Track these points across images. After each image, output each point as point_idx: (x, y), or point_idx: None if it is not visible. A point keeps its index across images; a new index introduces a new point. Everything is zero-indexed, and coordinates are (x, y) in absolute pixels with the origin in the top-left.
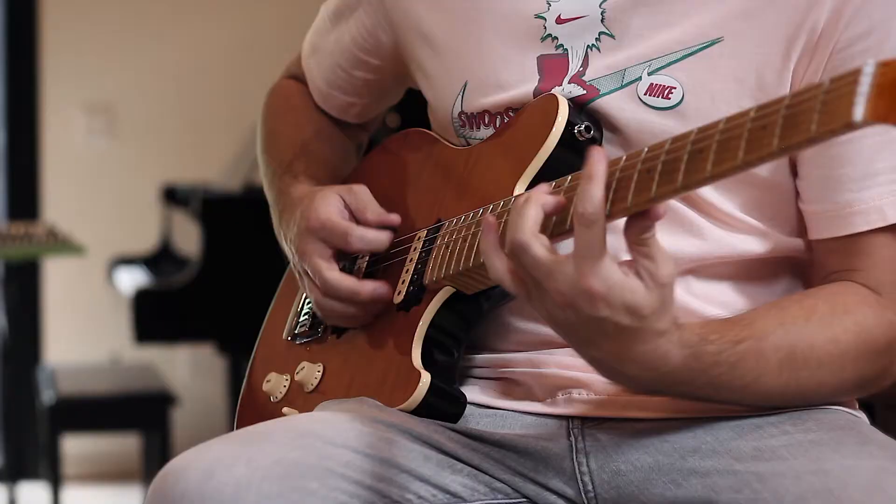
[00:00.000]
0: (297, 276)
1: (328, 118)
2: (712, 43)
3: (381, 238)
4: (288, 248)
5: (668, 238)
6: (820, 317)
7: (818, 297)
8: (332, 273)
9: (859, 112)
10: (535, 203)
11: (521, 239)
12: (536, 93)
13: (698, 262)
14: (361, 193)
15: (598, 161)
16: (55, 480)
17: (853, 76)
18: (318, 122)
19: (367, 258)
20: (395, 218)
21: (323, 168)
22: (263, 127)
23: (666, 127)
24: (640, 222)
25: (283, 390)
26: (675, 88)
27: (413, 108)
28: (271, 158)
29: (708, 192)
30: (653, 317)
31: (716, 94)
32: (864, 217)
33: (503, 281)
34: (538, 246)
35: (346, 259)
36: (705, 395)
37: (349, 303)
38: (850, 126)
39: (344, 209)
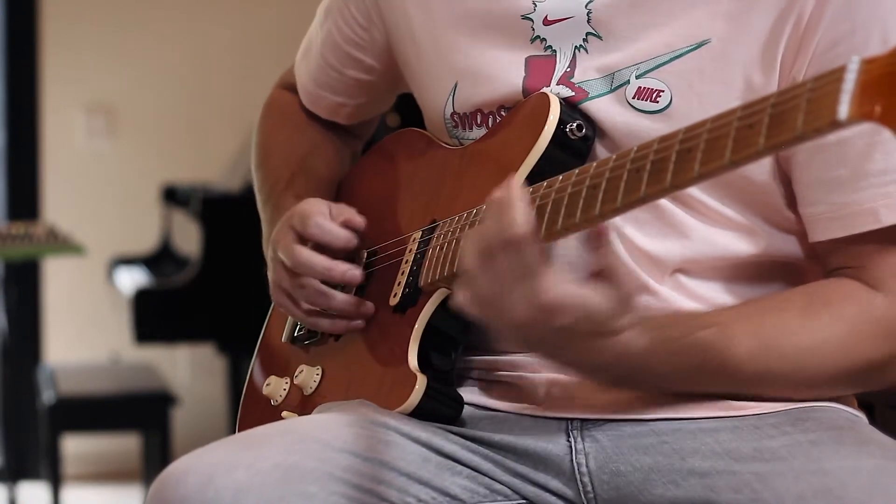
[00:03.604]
0: (270, 280)
1: (322, 130)
2: (700, 45)
3: (338, 233)
4: (269, 257)
5: (654, 240)
6: (795, 307)
7: (797, 291)
8: (303, 251)
9: (844, 110)
10: (523, 199)
11: (520, 233)
12: (525, 91)
13: (687, 262)
14: (344, 207)
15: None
16: (55, 480)
17: (838, 73)
18: (312, 136)
19: (363, 260)
20: (360, 221)
21: (319, 184)
22: (258, 142)
23: (655, 131)
24: (596, 233)
25: (283, 394)
26: (663, 92)
27: (413, 107)
28: (267, 175)
29: (692, 188)
30: (612, 319)
31: (703, 97)
32: (859, 219)
33: (474, 282)
34: (533, 244)
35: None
36: (672, 383)
37: (325, 297)
38: (836, 124)
39: (327, 211)
